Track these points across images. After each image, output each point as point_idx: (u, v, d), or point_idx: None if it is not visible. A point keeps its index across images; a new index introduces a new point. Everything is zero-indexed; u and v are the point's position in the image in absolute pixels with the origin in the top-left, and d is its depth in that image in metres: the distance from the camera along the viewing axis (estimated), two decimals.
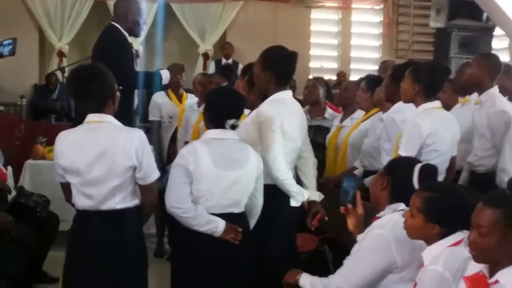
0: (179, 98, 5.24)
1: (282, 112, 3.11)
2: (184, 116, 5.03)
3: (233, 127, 2.85)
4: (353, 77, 8.58)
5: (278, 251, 3.11)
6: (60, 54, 9.11)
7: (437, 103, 3.30)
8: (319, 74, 6.40)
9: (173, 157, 3.01)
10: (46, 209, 4.36)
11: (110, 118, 2.71)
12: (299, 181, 3.33)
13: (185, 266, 2.85)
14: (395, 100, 3.55)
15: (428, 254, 2.20)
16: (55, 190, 3.05)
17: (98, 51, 3.94)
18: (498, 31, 7.44)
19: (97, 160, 2.62)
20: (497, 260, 1.91)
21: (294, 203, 3.19)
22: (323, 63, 9.97)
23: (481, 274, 1.95)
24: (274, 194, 3.08)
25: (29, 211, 4.20)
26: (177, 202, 2.75)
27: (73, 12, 9.08)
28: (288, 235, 3.23)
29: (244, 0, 9.49)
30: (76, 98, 2.81)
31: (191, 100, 5.16)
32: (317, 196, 3.32)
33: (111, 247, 2.67)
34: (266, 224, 3.06)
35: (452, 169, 3.45)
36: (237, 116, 2.87)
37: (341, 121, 4.37)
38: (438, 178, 2.74)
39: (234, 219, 2.84)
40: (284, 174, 3.09)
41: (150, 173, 2.72)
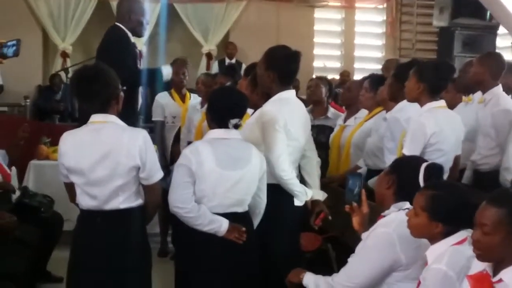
0: (182, 98, 5.24)
1: (286, 112, 3.11)
2: (187, 116, 5.03)
3: (236, 127, 2.85)
4: (357, 76, 8.58)
5: (282, 251, 3.12)
6: (64, 55, 9.12)
7: (442, 102, 3.29)
8: (323, 74, 6.39)
9: (177, 157, 3.01)
10: (50, 209, 4.37)
11: (114, 119, 2.72)
12: (303, 181, 3.33)
13: (189, 266, 2.85)
14: (399, 99, 3.55)
15: (432, 253, 2.19)
16: (59, 190, 3.07)
17: (102, 52, 3.95)
18: (502, 30, 7.43)
19: (101, 160, 2.63)
20: (501, 259, 1.90)
21: (298, 203, 3.19)
22: (327, 63, 9.96)
23: (485, 273, 1.95)
24: (278, 194, 3.08)
25: (33, 211, 4.22)
26: (180, 202, 2.75)
27: (77, 13, 9.08)
28: (292, 235, 3.23)
29: (247, 0, 9.48)
30: (80, 99, 2.80)
31: (194, 100, 5.16)
32: (321, 196, 3.32)
33: (115, 247, 2.68)
34: (270, 224, 3.06)
35: (456, 168, 3.45)
36: (240, 116, 2.87)
37: (345, 121, 4.37)
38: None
39: (238, 219, 2.84)
40: (288, 174, 3.08)
41: (154, 173, 2.73)
